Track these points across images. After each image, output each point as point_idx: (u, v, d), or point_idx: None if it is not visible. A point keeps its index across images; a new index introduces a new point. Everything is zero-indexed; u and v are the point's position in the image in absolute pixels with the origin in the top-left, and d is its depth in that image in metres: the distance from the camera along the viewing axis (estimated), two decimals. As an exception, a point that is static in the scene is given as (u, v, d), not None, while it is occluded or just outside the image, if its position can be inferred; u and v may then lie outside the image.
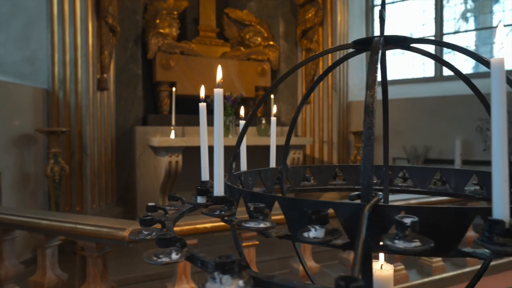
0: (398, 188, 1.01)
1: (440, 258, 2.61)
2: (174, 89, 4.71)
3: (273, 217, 0.53)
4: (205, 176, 0.77)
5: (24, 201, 3.83)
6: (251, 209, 0.50)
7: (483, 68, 5.67)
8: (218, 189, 0.58)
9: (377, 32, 6.65)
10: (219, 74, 0.59)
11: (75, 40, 4.10)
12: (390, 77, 6.32)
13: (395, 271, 2.42)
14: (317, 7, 5.51)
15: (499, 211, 0.40)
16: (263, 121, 5.16)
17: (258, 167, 0.99)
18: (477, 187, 0.91)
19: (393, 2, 6.42)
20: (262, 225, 0.51)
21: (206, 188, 0.68)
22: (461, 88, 5.39)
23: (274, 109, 1.03)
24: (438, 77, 5.87)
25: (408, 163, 5.38)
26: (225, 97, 4.86)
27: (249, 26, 5.71)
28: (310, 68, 5.67)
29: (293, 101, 5.88)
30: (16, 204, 3.68)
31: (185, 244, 0.51)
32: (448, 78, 5.76)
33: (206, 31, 5.50)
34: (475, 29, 5.90)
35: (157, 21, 5.05)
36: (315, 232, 0.45)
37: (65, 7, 4.08)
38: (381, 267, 0.75)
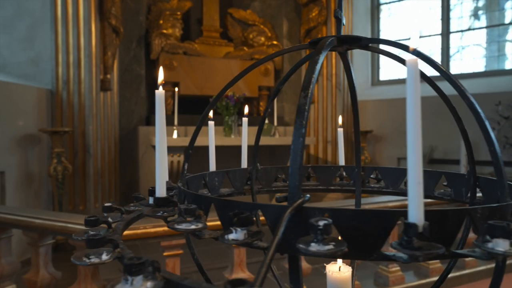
0: (370, 189, 1.00)
1: (437, 260, 2.58)
2: (176, 89, 4.74)
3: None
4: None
5: (28, 200, 3.90)
6: (182, 210, 0.50)
7: (492, 67, 5.58)
8: (160, 190, 0.59)
9: (383, 31, 6.59)
10: (161, 76, 0.59)
11: (78, 41, 4.15)
12: (394, 76, 6.26)
13: (390, 272, 2.40)
14: (321, 6, 5.48)
15: (413, 214, 0.40)
16: (266, 121, 5.16)
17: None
18: (448, 189, 0.90)
19: (399, 0, 6.35)
20: (193, 227, 0.51)
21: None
22: (467, 87, 5.30)
23: (246, 109, 1.03)
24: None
25: (413, 163, 5.32)
26: (227, 97, 4.87)
27: (253, 26, 5.72)
28: (314, 67, 5.64)
29: (296, 101, 5.85)
30: (20, 203, 3.74)
31: (117, 245, 0.51)
32: (455, 77, 5.67)
33: (209, 31, 5.51)
34: (483, 27, 5.80)
35: (161, 21, 5.08)
36: (234, 234, 0.44)
37: (69, 9, 4.13)
38: (339, 269, 0.75)
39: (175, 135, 4.62)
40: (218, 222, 0.53)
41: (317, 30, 5.57)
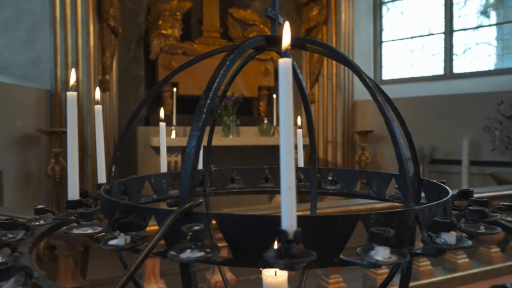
0: (325, 191, 0.99)
1: (428, 262, 2.54)
2: (175, 89, 4.75)
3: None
4: (101, 179, 0.77)
5: (27, 200, 3.94)
6: (79, 214, 0.50)
7: (499, 65, 5.48)
8: (73, 193, 0.58)
9: (386, 30, 6.52)
10: (72, 78, 0.59)
11: (76, 42, 4.19)
12: (397, 75, 6.19)
13: (378, 274, 2.37)
14: (321, 6, 5.45)
15: (285, 220, 0.38)
16: (265, 121, 5.14)
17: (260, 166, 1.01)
18: (398, 191, 0.88)
19: (402, -1, 6.28)
20: (90, 231, 0.50)
21: (85, 191, 0.68)
22: (470, 86, 5.23)
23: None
24: (448, 75, 5.71)
25: (414, 164, 5.24)
26: (226, 97, 4.87)
27: (253, 25, 5.70)
28: (314, 67, 5.62)
29: (297, 101, 5.82)
30: (18, 203, 3.79)
31: (15, 249, 0.51)
32: (458, 76, 5.59)
33: (209, 31, 5.51)
34: (487, 25, 5.70)
35: (160, 22, 5.10)
36: (116, 240, 0.43)
37: (67, 10, 4.17)
38: (275, 274, 0.73)
39: (173, 135, 4.64)
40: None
41: (318, 29, 5.54)
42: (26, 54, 4.30)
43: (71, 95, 0.56)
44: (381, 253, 0.39)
